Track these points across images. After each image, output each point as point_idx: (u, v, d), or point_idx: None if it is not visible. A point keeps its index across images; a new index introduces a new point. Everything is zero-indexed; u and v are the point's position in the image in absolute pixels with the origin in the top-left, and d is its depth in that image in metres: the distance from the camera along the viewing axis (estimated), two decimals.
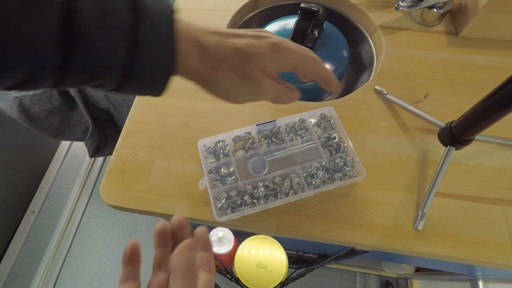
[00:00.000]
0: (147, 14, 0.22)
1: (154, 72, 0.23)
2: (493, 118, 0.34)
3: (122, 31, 0.21)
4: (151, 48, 0.22)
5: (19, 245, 1.28)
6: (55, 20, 0.18)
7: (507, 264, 0.38)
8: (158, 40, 0.22)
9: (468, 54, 0.55)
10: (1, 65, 0.18)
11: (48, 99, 0.88)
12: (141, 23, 0.21)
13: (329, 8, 0.65)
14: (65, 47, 0.19)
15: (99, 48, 0.20)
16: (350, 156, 0.42)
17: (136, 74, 0.23)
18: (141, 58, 0.22)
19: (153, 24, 0.22)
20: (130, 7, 0.21)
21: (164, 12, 0.23)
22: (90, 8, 0.19)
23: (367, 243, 0.39)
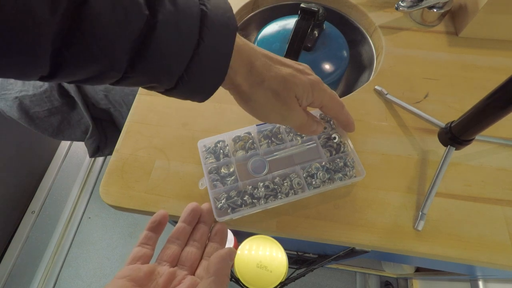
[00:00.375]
0: (212, 27, 0.23)
1: (205, 82, 0.25)
2: (493, 118, 0.34)
3: (188, 44, 0.22)
4: (208, 62, 0.23)
5: (19, 245, 1.28)
6: (138, 30, 0.19)
7: (507, 264, 0.38)
8: (217, 55, 0.24)
9: (468, 54, 0.55)
10: (81, 61, 0.19)
11: (48, 99, 0.88)
12: (204, 36, 0.22)
13: (329, 8, 0.65)
14: (138, 53, 0.20)
15: (166, 57, 0.21)
16: (350, 157, 0.42)
17: (187, 83, 0.24)
18: (196, 69, 0.23)
19: (215, 38, 0.23)
20: (199, 19, 0.22)
21: (228, 27, 0.24)
22: (169, 20, 0.20)
23: (367, 243, 0.39)
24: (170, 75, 0.23)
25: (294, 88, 0.30)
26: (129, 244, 1.33)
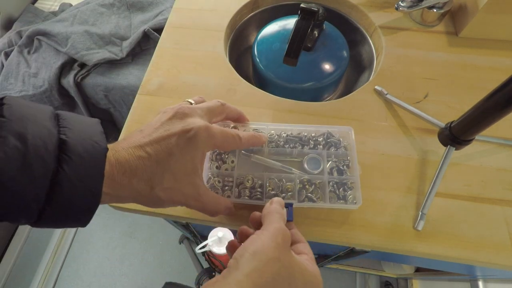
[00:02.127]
0: (73, 154, 0.22)
1: (76, 210, 0.23)
2: (493, 118, 0.34)
3: (41, 174, 0.21)
4: (73, 189, 0.22)
5: (19, 245, 1.28)
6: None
7: (507, 264, 0.38)
8: (84, 179, 0.22)
9: (468, 54, 0.55)
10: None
11: (48, 99, 0.88)
12: (64, 164, 0.21)
13: (329, 8, 0.65)
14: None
15: (14, 192, 0.20)
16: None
17: (53, 214, 0.22)
18: (61, 198, 0.22)
19: (79, 164, 0.22)
20: (57, 148, 0.21)
21: (94, 150, 0.23)
22: (13, 157, 0.19)
23: (367, 243, 0.39)
24: (26, 211, 0.21)
25: (197, 146, 0.29)
26: (129, 244, 1.33)
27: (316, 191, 0.40)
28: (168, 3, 0.97)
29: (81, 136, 0.23)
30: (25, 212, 0.21)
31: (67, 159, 0.22)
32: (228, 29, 0.61)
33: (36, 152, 0.20)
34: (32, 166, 0.20)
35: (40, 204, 0.21)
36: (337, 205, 0.39)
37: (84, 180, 0.22)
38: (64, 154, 0.22)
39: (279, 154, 0.44)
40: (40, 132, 0.21)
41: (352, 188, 0.40)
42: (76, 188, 0.22)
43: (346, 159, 0.42)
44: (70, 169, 0.22)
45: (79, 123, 0.24)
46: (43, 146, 0.21)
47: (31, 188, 0.20)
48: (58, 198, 0.21)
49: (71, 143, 0.22)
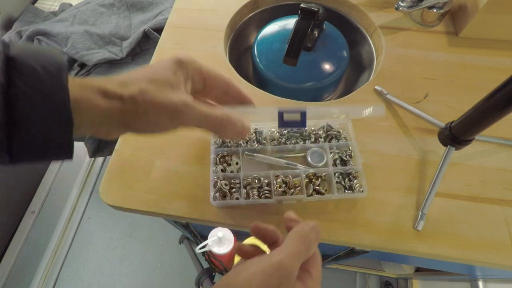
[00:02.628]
0: (24, 68, 0.20)
1: (48, 133, 0.21)
2: (493, 118, 0.34)
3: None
4: (36, 104, 0.20)
5: (19, 245, 1.28)
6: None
7: (507, 264, 0.38)
8: (46, 90, 0.20)
9: (468, 54, 0.55)
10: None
11: None
12: (15, 79, 0.20)
13: (329, 8, 0.65)
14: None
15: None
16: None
17: (21, 141, 0.20)
18: (23, 119, 0.20)
19: (36, 76, 0.20)
20: (4, 63, 0.20)
21: (47, 68, 0.21)
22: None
23: (367, 243, 0.39)
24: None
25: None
26: (129, 244, 1.33)
27: (323, 184, 0.41)
28: (168, 3, 0.97)
29: (35, 54, 0.21)
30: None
31: (18, 74, 0.20)
32: (228, 29, 0.61)
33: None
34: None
35: (1, 122, 0.19)
36: (345, 195, 0.40)
37: (43, 92, 0.20)
38: (14, 70, 0.20)
39: (282, 151, 0.44)
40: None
41: (357, 177, 0.41)
42: (36, 101, 0.20)
43: (348, 149, 0.43)
44: (24, 83, 0.20)
45: (34, 47, 0.22)
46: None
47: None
48: (19, 114, 0.20)
49: (21, 59, 0.20)
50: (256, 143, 0.45)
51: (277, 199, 0.40)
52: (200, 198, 0.42)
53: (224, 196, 0.41)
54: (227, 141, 0.45)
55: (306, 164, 0.43)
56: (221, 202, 0.40)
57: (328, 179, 0.42)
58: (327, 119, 0.46)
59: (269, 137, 0.45)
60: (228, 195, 0.41)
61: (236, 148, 0.44)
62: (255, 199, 0.40)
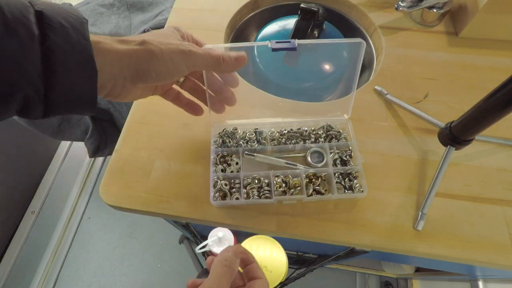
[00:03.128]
0: (53, 22, 0.22)
1: (77, 81, 0.23)
2: (493, 118, 0.34)
3: (29, 40, 0.20)
4: (67, 54, 0.22)
5: (19, 245, 1.28)
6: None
7: (507, 264, 0.38)
8: (73, 43, 0.22)
9: (468, 54, 0.55)
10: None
11: None
12: (49, 32, 0.21)
13: (329, 8, 0.65)
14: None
15: (6, 56, 0.20)
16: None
17: (55, 88, 0.22)
18: (59, 67, 0.22)
19: (64, 30, 0.22)
20: (36, 18, 0.21)
21: (75, 19, 0.23)
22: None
23: (367, 243, 0.39)
24: (28, 80, 0.21)
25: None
26: (129, 244, 1.33)
27: (323, 183, 0.41)
28: (168, 3, 0.97)
29: (58, 9, 0.23)
30: (30, 81, 0.21)
31: (49, 27, 0.21)
32: (228, 29, 0.61)
33: (16, 20, 0.20)
34: (16, 31, 0.20)
35: (38, 70, 0.21)
36: (345, 196, 0.40)
37: (72, 45, 0.22)
38: (45, 23, 0.21)
39: (282, 151, 0.44)
40: (14, 4, 0.21)
41: (357, 177, 0.41)
42: (69, 54, 0.22)
43: (348, 149, 0.43)
44: (56, 35, 0.21)
45: (54, 3, 0.24)
46: (21, 14, 0.20)
47: (24, 53, 0.20)
48: (55, 66, 0.21)
49: (49, 13, 0.22)
50: (256, 143, 0.45)
51: (277, 199, 0.40)
52: (200, 198, 0.42)
53: (224, 196, 0.41)
54: (227, 141, 0.45)
55: (306, 164, 0.43)
56: (221, 202, 0.40)
57: (328, 179, 0.42)
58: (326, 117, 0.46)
59: (269, 137, 0.45)
60: (228, 195, 0.41)
61: (236, 148, 0.44)
62: (255, 199, 0.40)
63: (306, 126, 0.46)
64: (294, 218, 0.41)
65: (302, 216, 0.41)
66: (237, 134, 0.45)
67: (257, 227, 0.40)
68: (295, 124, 0.46)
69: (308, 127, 0.46)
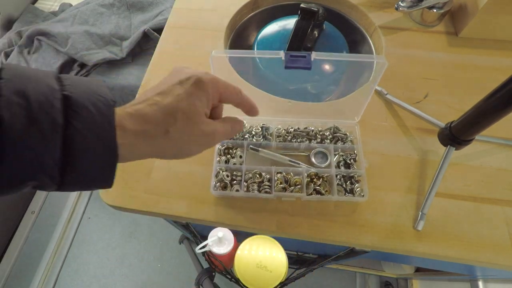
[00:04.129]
0: (79, 109, 0.21)
1: (96, 164, 0.23)
2: (493, 118, 0.34)
3: (51, 131, 0.20)
4: (87, 142, 0.21)
5: (19, 245, 1.28)
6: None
7: (507, 264, 0.38)
8: (96, 131, 0.22)
9: (468, 54, 0.55)
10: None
11: None
12: (72, 119, 0.21)
13: (329, 8, 0.65)
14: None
15: (24, 149, 0.19)
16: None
17: (74, 172, 0.22)
18: (78, 154, 0.21)
19: (88, 118, 0.22)
20: (62, 104, 0.21)
21: (102, 102, 0.23)
22: (17, 113, 0.19)
23: (367, 243, 0.39)
24: (43, 170, 0.20)
25: (190, 111, 0.28)
26: (129, 244, 1.33)
27: (324, 184, 0.41)
28: (168, 3, 0.97)
29: (86, 91, 0.22)
30: (45, 173, 0.20)
31: (74, 114, 0.21)
32: (228, 29, 0.61)
33: (41, 108, 0.20)
34: (38, 121, 0.20)
35: (56, 160, 0.20)
36: (345, 198, 0.40)
37: (96, 133, 0.22)
38: (70, 110, 0.21)
39: (286, 148, 0.45)
40: (41, 89, 0.20)
41: (359, 181, 0.41)
42: (90, 142, 0.21)
43: (353, 153, 0.43)
44: (79, 123, 0.21)
45: (82, 81, 0.24)
46: (47, 101, 0.20)
47: (44, 143, 0.20)
48: (74, 153, 0.21)
49: (76, 98, 0.21)
50: (262, 138, 0.45)
51: (276, 195, 0.40)
52: (200, 198, 0.42)
53: (225, 187, 0.41)
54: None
55: (309, 163, 0.43)
56: (221, 192, 0.41)
57: (329, 181, 0.42)
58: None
59: (275, 134, 0.45)
60: (229, 186, 0.41)
61: (241, 142, 0.44)
62: (254, 193, 0.40)
63: (313, 126, 0.46)
64: (294, 218, 0.41)
65: (302, 216, 0.41)
66: (244, 128, 0.46)
67: (257, 227, 0.41)
68: (302, 123, 0.46)
69: (315, 127, 0.46)
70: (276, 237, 0.84)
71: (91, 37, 0.88)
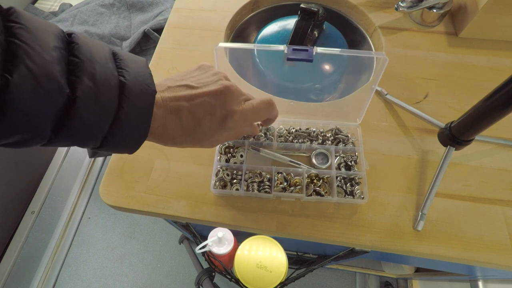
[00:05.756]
0: (130, 95, 0.25)
1: (129, 140, 0.27)
2: (493, 118, 0.34)
3: (108, 111, 0.24)
4: (129, 124, 0.26)
5: (19, 245, 1.28)
6: (60, 105, 0.22)
7: (507, 264, 0.38)
8: (138, 117, 0.26)
9: (468, 55, 0.55)
10: (4, 132, 0.20)
11: None
12: (124, 104, 0.25)
13: (329, 8, 0.65)
14: (61, 123, 0.22)
15: (86, 125, 0.23)
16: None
17: (112, 142, 0.26)
18: (120, 130, 0.26)
19: (135, 104, 0.26)
20: (118, 89, 0.25)
21: (146, 93, 0.27)
22: (87, 94, 0.23)
23: (367, 243, 0.39)
24: (93, 139, 0.25)
25: (227, 97, 0.31)
26: (128, 244, 1.32)
27: (324, 185, 0.41)
28: (168, 3, 0.97)
29: (137, 78, 0.26)
30: (93, 140, 0.25)
31: (126, 99, 0.25)
32: (228, 29, 0.61)
33: (105, 93, 0.24)
34: (102, 104, 0.23)
35: (103, 134, 0.25)
36: (345, 200, 0.40)
37: (138, 117, 0.26)
38: (123, 95, 0.25)
39: (287, 148, 0.45)
40: (105, 73, 0.24)
41: (360, 183, 0.41)
42: (132, 123, 0.26)
43: (354, 155, 0.43)
44: (129, 107, 0.25)
45: (133, 63, 0.27)
46: (109, 87, 0.24)
47: (100, 123, 0.24)
48: (118, 131, 0.25)
49: (129, 85, 0.25)
50: (263, 137, 0.45)
51: (276, 195, 0.40)
52: (200, 198, 0.42)
53: (225, 186, 0.41)
54: None
55: (310, 164, 0.43)
56: (221, 191, 0.41)
57: (329, 182, 0.42)
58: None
59: (276, 133, 0.45)
60: (229, 185, 0.41)
61: (242, 141, 0.44)
62: (254, 192, 0.40)
63: (314, 127, 0.46)
64: (294, 218, 0.41)
65: (302, 216, 0.41)
66: None
67: (257, 227, 0.41)
68: (303, 124, 0.46)
69: (316, 128, 0.46)
70: (276, 237, 0.84)
71: (91, 37, 0.88)
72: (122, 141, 0.26)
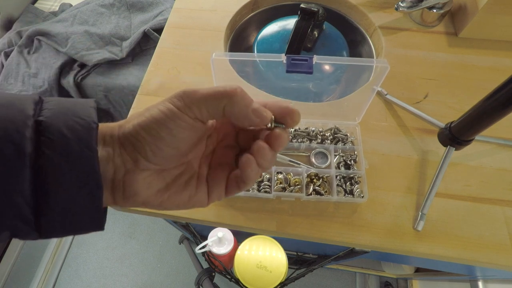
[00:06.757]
0: (55, 135, 0.19)
1: (77, 200, 0.19)
2: (493, 118, 0.34)
3: (17, 164, 0.18)
4: (64, 173, 0.19)
5: (19, 245, 1.28)
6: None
7: (507, 264, 0.38)
8: (74, 159, 0.19)
9: (468, 55, 0.55)
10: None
11: None
12: (45, 148, 0.18)
13: (329, 8, 0.65)
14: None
15: None
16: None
17: (52, 211, 0.19)
18: (54, 190, 0.19)
19: (64, 144, 0.19)
20: (33, 131, 0.18)
21: (81, 124, 0.20)
22: None
23: (367, 243, 0.39)
24: (17, 208, 0.18)
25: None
26: (128, 244, 1.32)
27: (323, 185, 0.41)
28: (168, 3, 0.97)
29: (64, 114, 0.20)
30: (17, 214, 0.18)
31: (47, 141, 0.18)
32: (228, 29, 0.61)
33: (6, 136, 0.17)
34: (2, 151, 0.17)
35: (27, 197, 0.18)
36: (345, 199, 0.40)
37: (72, 160, 0.18)
38: (42, 136, 0.18)
39: (287, 148, 0.45)
40: (13, 115, 0.18)
41: (359, 182, 0.41)
42: (65, 172, 0.18)
43: (354, 153, 0.43)
44: (53, 151, 0.18)
45: (64, 103, 0.20)
46: (15, 129, 0.18)
47: (12, 179, 0.17)
48: (48, 188, 0.18)
49: (49, 122, 0.19)
50: None
51: (276, 195, 0.40)
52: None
53: None
54: None
55: (309, 164, 0.43)
56: None
57: (329, 181, 0.42)
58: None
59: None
60: None
61: None
62: (254, 193, 0.40)
63: (314, 126, 0.46)
64: (293, 218, 0.41)
65: (302, 216, 0.41)
66: None
67: (257, 227, 0.40)
68: (303, 123, 0.46)
69: (315, 128, 0.46)
70: (276, 237, 0.84)
71: (91, 37, 0.88)
72: (65, 208, 0.19)
